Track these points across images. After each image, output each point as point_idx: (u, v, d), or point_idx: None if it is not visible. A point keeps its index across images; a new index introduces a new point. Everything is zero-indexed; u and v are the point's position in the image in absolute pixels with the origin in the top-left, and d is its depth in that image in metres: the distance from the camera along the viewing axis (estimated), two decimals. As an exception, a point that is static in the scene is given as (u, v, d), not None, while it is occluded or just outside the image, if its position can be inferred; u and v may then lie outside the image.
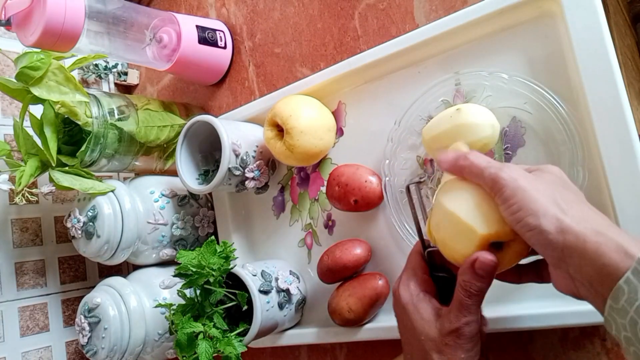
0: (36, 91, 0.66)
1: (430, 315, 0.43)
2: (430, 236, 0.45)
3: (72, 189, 0.72)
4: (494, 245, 0.40)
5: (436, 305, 0.44)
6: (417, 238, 0.48)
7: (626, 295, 0.31)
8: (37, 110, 0.71)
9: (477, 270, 0.39)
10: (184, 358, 0.61)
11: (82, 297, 0.76)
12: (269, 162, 0.72)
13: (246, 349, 0.61)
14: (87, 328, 0.72)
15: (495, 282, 0.45)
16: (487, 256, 0.39)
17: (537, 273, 0.44)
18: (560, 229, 0.35)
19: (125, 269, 0.95)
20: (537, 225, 0.35)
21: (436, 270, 0.47)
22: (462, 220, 0.40)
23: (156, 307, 0.69)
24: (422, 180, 0.47)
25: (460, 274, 0.41)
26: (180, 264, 0.63)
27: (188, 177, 0.72)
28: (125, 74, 0.99)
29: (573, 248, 0.34)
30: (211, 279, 0.62)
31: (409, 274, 0.46)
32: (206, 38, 0.78)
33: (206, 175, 0.74)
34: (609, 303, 0.32)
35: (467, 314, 0.41)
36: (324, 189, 0.68)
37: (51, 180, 0.71)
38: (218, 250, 0.64)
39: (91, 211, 0.73)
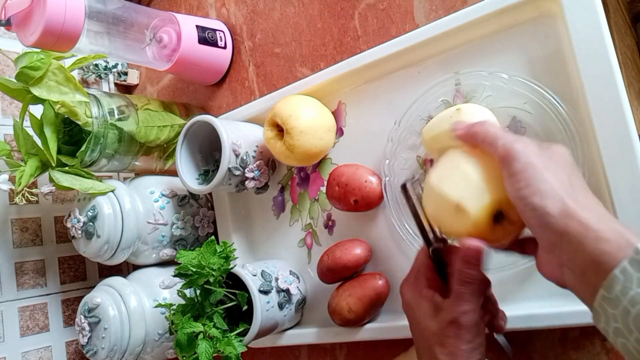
0: (36, 91, 0.66)
1: (430, 309, 0.43)
2: (429, 224, 0.45)
3: (72, 189, 0.72)
4: (496, 218, 0.39)
5: (436, 300, 0.44)
6: (416, 237, 0.48)
7: (620, 285, 0.30)
8: (37, 110, 0.71)
9: (466, 259, 0.39)
10: (184, 358, 0.61)
11: (82, 297, 0.76)
12: (269, 162, 0.72)
13: (246, 349, 0.61)
14: (87, 328, 0.72)
15: (494, 282, 0.45)
16: (472, 243, 0.39)
17: (520, 244, 0.43)
18: (564, 214, 0.34)
19: (125, 269, 0.95)
20: (542, 206, 0.35)
21: (443, 268, 0.46)
22: (453, 201, 0.40)
23: (156, 307, 0.69)
24: (416, 178, 0.46)
25: (453, 264, 0.41)
26: (180, 264, 0.63)
27: (188, 177, 0.72)
28: (125, 74, 0.99)
29: (573, 234, 0.33)
30: (211, 279, 0.62)
31: (413, 273, 0.47)
32: (206, 38, 0.78)
33: (206, 175, 0.74)
34: (602, 293, 0.32)
35: (463, 303, 0.40)
36: (324, 189, 0.68)
37: (51, 180, 0.71)
38: (218, 250, 0.64)
39: (91, 211, 0.73)
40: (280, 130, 0.65)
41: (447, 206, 0.40)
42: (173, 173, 0.76)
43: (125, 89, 1.02)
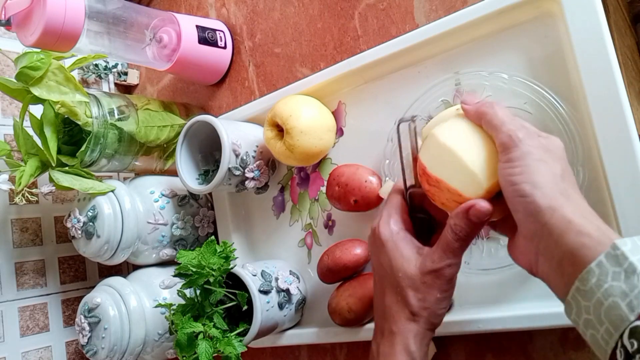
0: (36, 91, 0.66)
1: (411, 253, 0.44)
2: (417, 170, 0.45)
3: (72, 189, 0.72)
4: (495, 196, 0.40)
5: (417, 244, 0.44)
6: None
7: (596, 278, 0.31)
8: (37, 110, 0.71)
9: (471, 217, 0.40)
10: (184, 358, 0.61)
11: (82, 297, 0.76)
12: (269, 162, 0.72)
13: (246, 349, 0.61)
14: (87, 328, 0.72)
15: (494, 282, 0.45)
16: (485, 205, 0.39)
17: (499, 223, 0.44)
18: (551, 207, 0.35)
19: (125, 269, 0.95)
20: (531, 194, 0.36)
21: (414, 212, 0.47)
22: (468, 167, 0.40)
23: (156, 307, 0.69)
24: (415, 117, 0.46)
25: (453, 217, 0.41)
26: (180, 264, 0.63)
27: (188, 177, 0.72)
28: (125, 74, 0.99)
29: (556, 226, 0.34)
30: (211, 279, 0.62)
31: (390, 212, 0.46)
32: (206, 38, 0.78)
33: (206, 175, 0.74)
34: (576, 285, 0.33)
35: (451, 256, 0.42)
36: (324, 189, 0.68)
37: (51, 180, 0.71)
38: (218, 250, 0.64)
39: (91, 211, 0.73)
40: (280, 130, 0.65)
41: (460, 167, 0.41)
42: (173, 173, 0.77)
43: (125, 89, 1.02)
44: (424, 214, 0.47)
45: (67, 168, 0.72)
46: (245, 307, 0.63)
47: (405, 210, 0.47)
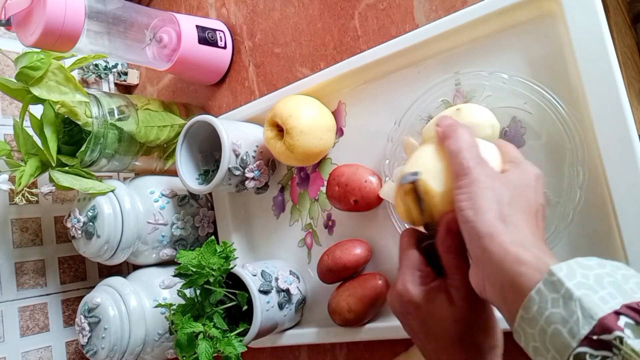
0: (36, 91, 0.66)
1: (445, 300, 0.42)
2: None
3: (72, 189, 0.72)
4: None
5: (449, 294, 0.42)
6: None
7: (537, 306, 0.32)
8: (37, 110, 0.71)
9: (454, 230, 0.40)
10: (184, 358, 0.61)
11: (82, 297, 0.76)
12: (269, 162, 0.72)
13: (246, 349, 0.61)
14: (87, 328, 0.72)
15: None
16: (451, 214, 0.40)
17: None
18: (489, 234, 0.36)
19: (125, 269, 0.95)
20: (473, 220, 0.37)
21: (431, 263, 0.45)
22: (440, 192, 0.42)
23: (156, 307, 0.69)
24: (417, 176, 0.45)
25: (442, 245, 0.41)
26: (180, 264, 0.63)
27: (188, 177, 0.72)
28: (125, 74, 0.99)
29: (494, 253, 0.35)
30: (211, 279, 0.62)
31: (412, 270, 0.44)
32: (206, 38, 0.78)
33: (206, 175, 0.74)
34: (520, 313, 0.33)
35: (464, 270, 0.41)
36: (324, 189, 0.68)
37: (51, 180, 0.71)
38: (218, 250, 0.64)
39: (91, 211, 0.73)
40: (280, 130, 0.65)
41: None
42: (173, 173, 0.76)
43: (125, 89, 1.02)
44: (440, 262, 0.45)
45: (67, 168, 0.72)
46: (245, 307, 0.63)
47: (425, 264, 0.45)
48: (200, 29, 0.78)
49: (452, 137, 0.42)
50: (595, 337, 0.29)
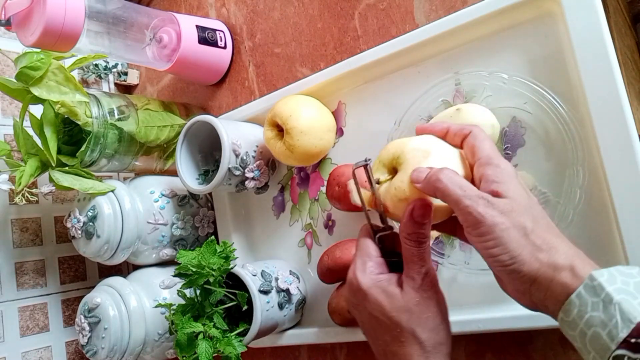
0: (36, 91, 0.66)
1: (395, 290, 0.42)
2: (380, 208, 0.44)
3: (72, 189, 0.72)
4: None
5: (397, 280, 0.43)
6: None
7: (577, 309, 0.33)
8: (37, 110, 0.71)
9: (416, 218, 0.40)
10: (184, 358, 0.61)
11: (82, 297, 0.76)
12: (269, 162, 0.72)
13: (246, 349, 0.61)
14: (87, 328, 0.72)
15: (494, 282, 0.44)
16: (421, 201, 0.40)
17: (451, 228, 0.45)
18: (531, 270, 0.36)
19: (125, 269, 0.95)
20: (512, 263, 0.37)
21: (387, 256, 0.45)
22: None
23: (156, 307, 0.69)
24: (368, 160, 0.44)
25: (403, 231, 0.41)
26: (180, 264, 0.63)
27: (188, 177, 0.72)
28: (125, 74, 0.99)
29: (543, 278, 0.36)
30: (211, 279, 0.62)
31: (364, 259, 0.44)
32: (206, 38, 0.78)
33: (206, 175, 0.74)
34: (561, 316, 0.34)
35: (423, 263, 0.41)
36: (324, 189, 0.68)
37: (51, 180, 0.71)
38: (218, 250, 0.64)
39: (91, 211, 0.73)
40: (280, 130, 0.65)
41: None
42: (173, 173, 0.76)
43: (125, 89, 1.02)
44: (396, 256, 0.45)
45: (67, 168, 0.72)
46: (245, 307, 0.63)
47: (378, 254, 0.45)
48: (200, 29, 0.78)
49: (439, 188, 0.39)
50: (633, 340, 0.30)
